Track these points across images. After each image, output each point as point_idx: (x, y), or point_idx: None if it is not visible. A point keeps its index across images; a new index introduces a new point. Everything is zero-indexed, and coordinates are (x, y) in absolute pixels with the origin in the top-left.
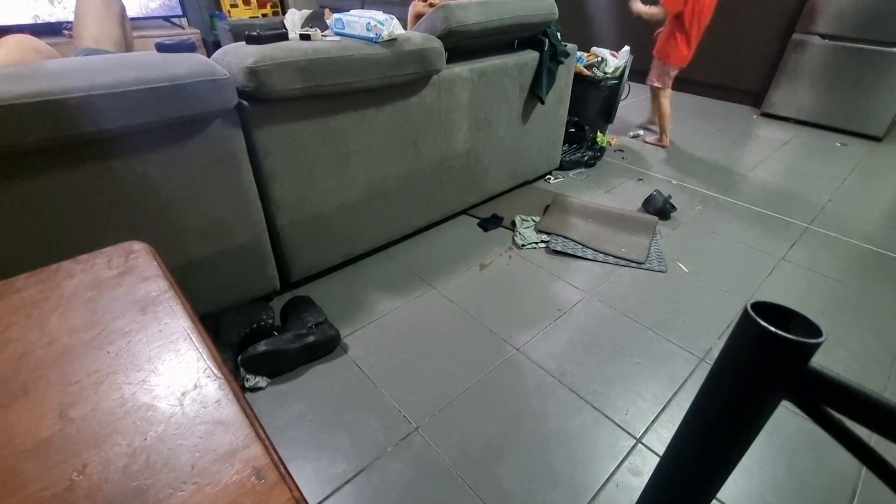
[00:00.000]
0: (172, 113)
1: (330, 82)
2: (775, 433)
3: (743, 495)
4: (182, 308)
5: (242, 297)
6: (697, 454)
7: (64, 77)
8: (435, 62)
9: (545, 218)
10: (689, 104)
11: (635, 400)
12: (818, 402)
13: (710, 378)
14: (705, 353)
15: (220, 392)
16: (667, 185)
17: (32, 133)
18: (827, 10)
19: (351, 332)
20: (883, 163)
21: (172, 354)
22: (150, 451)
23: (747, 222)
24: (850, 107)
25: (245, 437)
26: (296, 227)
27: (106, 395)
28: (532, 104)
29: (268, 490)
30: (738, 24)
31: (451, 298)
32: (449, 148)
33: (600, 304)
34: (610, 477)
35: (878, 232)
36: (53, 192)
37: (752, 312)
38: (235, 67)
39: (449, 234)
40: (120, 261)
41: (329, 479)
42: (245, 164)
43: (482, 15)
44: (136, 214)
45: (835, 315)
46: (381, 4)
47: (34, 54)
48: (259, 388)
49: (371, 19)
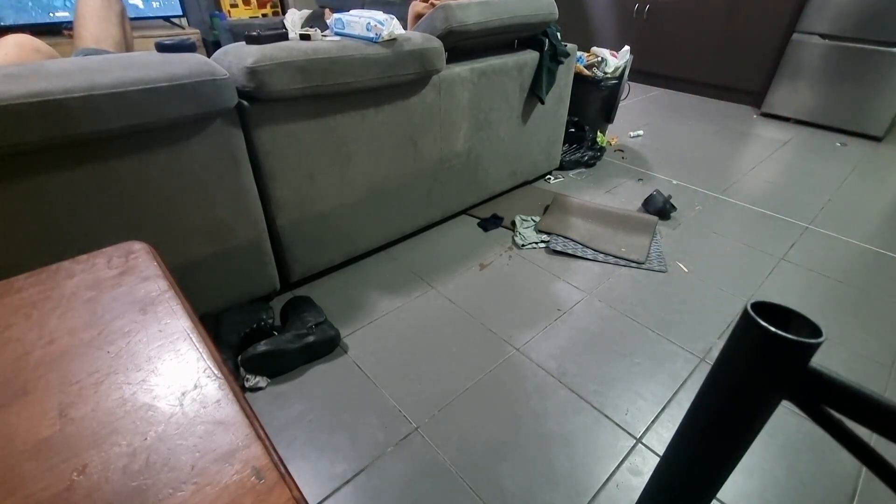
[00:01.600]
0: (172, 113)
1: (330, 82)
2: (775, 433)
3: (743, 495)
4: (182, 308)
5: (242, 296)
6: (697, 454)
7: (64, 77)
8: (435, 62)
9: (545, 218)
10: (689, 104)
11: (635, 400)
12: (818, 402)
13: (710, 378)
14: (705, 353)
15: (220, 392)
16: (667, 184)
17: (32, 133)
18: (827, 10)
19: (351, 332)
20: (883, 163)
21: (172, 354)
22: (150, 451)
23: (747, 222)
24: (850, 106)
25: (245, 437)
26: (296, 226)
27: (106, 395)
28: (532, 104)
29: (268, 490)
30: (738, 23)
31: (451, 298)
32: (449, 148)
33: (600, 304)
34: (610, 477)
35: (878, 232)
36: (53, 191)
37: (752, 312)
38: (235, 67)
39: (449, 234)
40: (120, 261)
41: (329, 479)
42: (245, 164)
43: (482, 15)
44: (136, 214)
45: (835, 315)
46: (381, 4)
47: (34, 54)
48: (259, 388)
49: (371, 19)
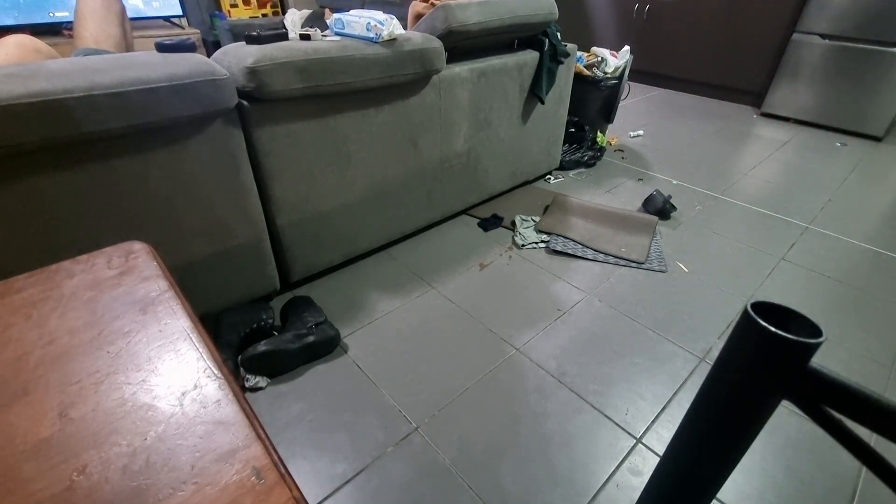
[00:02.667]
0: (172, 113)
1: (330, 82)
2: (775, 433)
3: (743, 495)
4: (182, 308)
5: (242, 296)
6: (697, 454)
7: (64, 77)
8: (435, 62)
9: (545, 218)
10: (688, 104)
11: (635, 400)
12: (818, 402)
13: (710, 378)
14: (705, 353)
15: (220, 392)
16: (667, 184)
17: (32, 133)
18: (827, 9)
19: (351, 332)
20: (883, 163)
21: (172, 354)
22: (150, 451)
23: (747, 222)
24: (850, 107)
25: (245, 437)
26: (296, 226)
27: (106, 395)
28: (532, 104)
29: (268, 490)
30: (738, 23)
31: (451, 298)
32: (449, 148)
33: (600, 304)
34: (610, 477)
35: (878, 232)
36: (53, 192)
37: (752, 312)
38: (235, 67)
39: (449, 234)
40: (120, 261)
41: (329, 479)
42: (245, 164)
43: (482, 15)
44: (136, 214)
45: (835, 315)
46: (381, 4)
47: (35, 55)
48: (259, 388)
49: (371, 19)
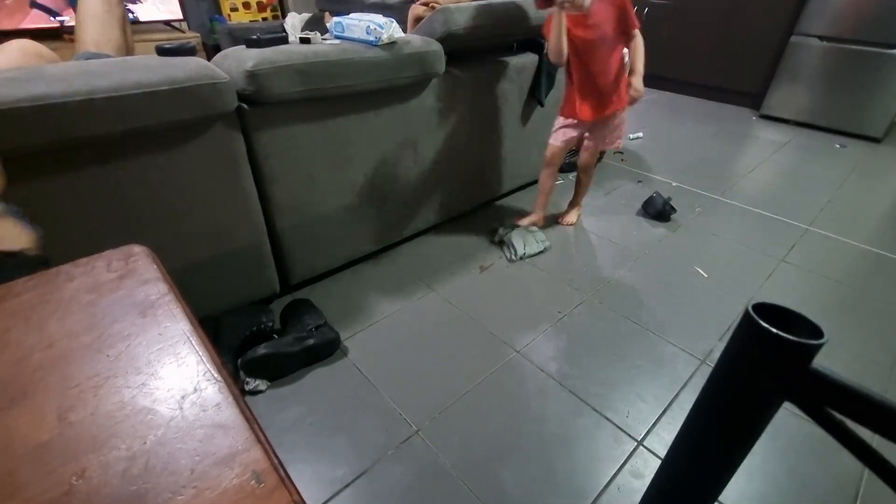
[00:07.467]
0: (172, 116)
1: (330, 85)
2: (777, 435)
3: (745, 497)
4: (182, 311)
5: (242, 299)
6: (699, 456)
7: (64, 81)
8: (434, 65)
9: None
10: (688, 106)
11: (636, 402)
12: (820, 403)
13: (711, 380)
14: (706, 355)
15: (220, 395)
16: (666, 186)
17: (33, 137)
18: (825, 11)
19: (351, 335)
20: (882, 164)
21: (172, 358)
22: (149, 454)
23: (747, 224)
24: (849, 108)
25: (245, 441)
26: (296, 229)
27: (105, 398)
28: (531, 107)
29: (268, 494)
30: (736, 26)
31: (451, 301)
32: (448, 150)
33: (601, 306)
34: (611, 480)
35: (877, 233)
36: (53, 195)
37: (753, 314)
38: (235, 71)
39: (449, 236)
40: (119, 264)
41: (329, 483)
42: (245, 167)
43: (481, 18)
44: (135, 217)
45: (836, 316)
46: (380, 8)
47: (37, 59)
48: (259, 391)
49: (371, 22)
